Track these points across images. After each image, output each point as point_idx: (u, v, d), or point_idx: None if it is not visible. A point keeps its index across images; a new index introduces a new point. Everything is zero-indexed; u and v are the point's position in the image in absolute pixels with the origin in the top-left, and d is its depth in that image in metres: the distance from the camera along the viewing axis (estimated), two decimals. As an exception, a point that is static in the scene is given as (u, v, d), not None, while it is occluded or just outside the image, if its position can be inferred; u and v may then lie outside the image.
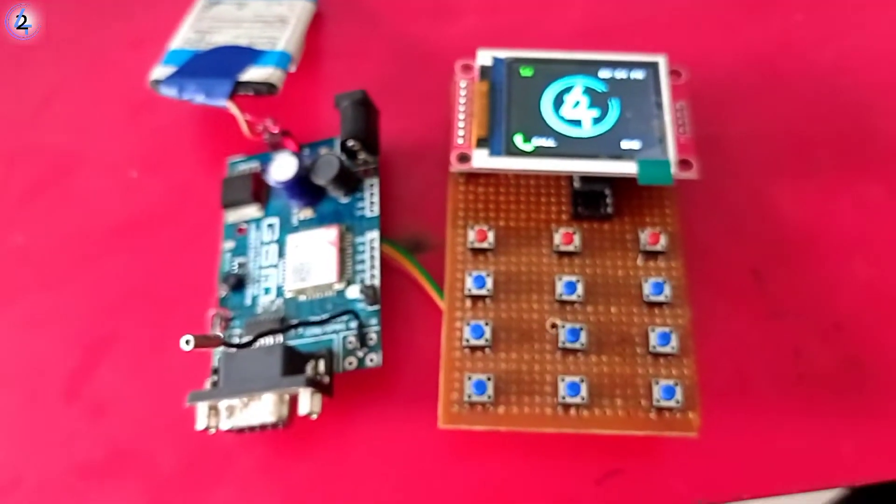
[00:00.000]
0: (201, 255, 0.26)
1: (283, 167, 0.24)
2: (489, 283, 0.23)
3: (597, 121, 0.24)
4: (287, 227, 0.26)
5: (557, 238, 0.23)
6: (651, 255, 0.23)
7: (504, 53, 0.25)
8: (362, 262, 0.24)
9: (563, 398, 0.21)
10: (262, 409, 0.21)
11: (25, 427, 0.25)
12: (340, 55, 0.31)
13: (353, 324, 0.23)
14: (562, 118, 0.24)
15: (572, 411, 0.21)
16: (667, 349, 0.22)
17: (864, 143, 0.27)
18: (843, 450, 0.22)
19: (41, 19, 0.33)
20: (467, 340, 0.22)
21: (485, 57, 0.25)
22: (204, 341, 0.19)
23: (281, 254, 0.25)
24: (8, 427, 0.25)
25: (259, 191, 0.26)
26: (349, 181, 0.25)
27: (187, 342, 0.19)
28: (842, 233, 0.26)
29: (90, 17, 0.33)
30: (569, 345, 0.22)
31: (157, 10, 0.32)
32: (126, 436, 0.24)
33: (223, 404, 0.21)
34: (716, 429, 0.22)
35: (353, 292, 0.24)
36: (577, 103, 0.24)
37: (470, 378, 0.21)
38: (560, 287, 0.23)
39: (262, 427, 0.21)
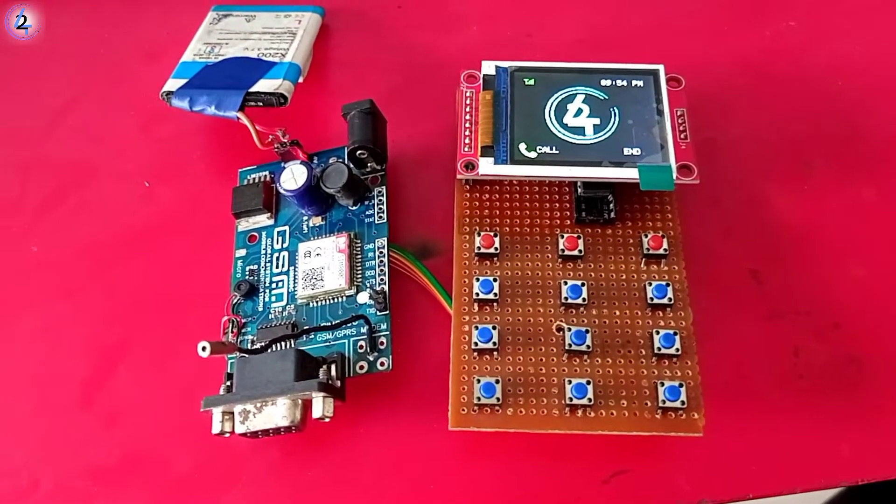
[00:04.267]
0: (214, 263, 0.27)
1: (293, 177, 0.25)
2: (496, 287, 0.23)
3: (598, 128, 0.24)
4: (298, 235, 0.26)
5: (562, 243, 0.24)
6: (653, 258, 0.24)
7: (507, 63, 0.26)
8: (371, 268, 0.25)
9: (570, 399, 0.22)
10: (276, 414, 0.22)
11: (42, 432, 0.25)
12: (348, 66, 0.31)
13: (364, 329, 0.24)
14: (564, 126, 0.25)
15: (579, 412, 0.22)
16: (671, 350, 0.22)
17: (858, 145, 0.28)
18: (844, 448, 0.23)
19: (56, 31, 0.34)
20: (475, 344, 0.22)
21: (489, 67, 0.26)
22: (220, 348, 0.20)
23: (292, 261, 0.26)
24: (25, 432, 0.25)
25: (269, 199, 0.27)
26: (358, 189, 0.26)
27: (203, 349, 0.19)
28: (837, 233, 0.26)
29: (105, 29, 0.34)
30: (575, 347, 0.22)
31: (170, 22, 0.33)
32: (140, 441, 0.25)
33: (237, 409, 0.22)
34: (719, 429, 0.23)
35: (364, 298, 0.24)
36: (579, 111, 0.25)
37: (479, 381, 0.22)
38: (565, 291, 0.23)
39: (276, 431, 0.22)
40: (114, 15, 0.34)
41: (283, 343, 0.24)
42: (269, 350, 0.22)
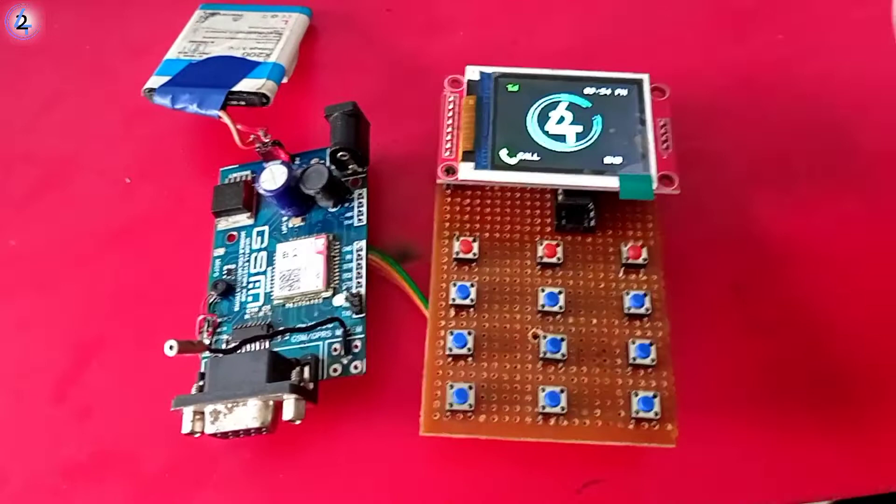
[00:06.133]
0: (192, 262, 0.27)
1: (273, 177, 0.25)
2: (473, 293, 0.23)
3: (580, 136, 0.24)
4: (276, 236, 0.26)
5: (541, 250, 0.24)
6: (632, 267, 0.24)
7: (491, 69, 0.26)
8: (349, 270, 0.25)
9: (543, 408, 0.21)
10: (247, 415, 0.21)
11: (12, 427, 0.25)
12: (333, 67, 0.31)
13: (339, 331, 0.23)
14: (546, 133, 0.24)
15: (552, 421, 0.22)
16: (646, 361, 0.22)
17: (843, 159, 0.28)
18: (822, 463, 0.23)
19: (41, 26, 0.34)
20: (450, 349, 0.22)
21: (473, 72, 0.26)
22: (188, 347, 0.20)
23: (270, 261, 0.25)
24: (-4, 427, 0.25)
25: (250, 199, 0.27)
26: (338, 191, 0.26)
27: (171, 347, 0.19)
28: (821, 247, 0.26)
29: (90, 25, 0.34)
30: (550, 355, 0.22)
31: (155, 19, 0.33)
32: (112, 438, 0.24)
33: (208, 409, 0.22)
34: (695, 440, 0.22)
35: (340, 300, 0.24)
36: (562, 119, 0.25)
37: (452, 386, 0.22)
38: (542, 298, 0.23)
39: (247, 432, 0.22)
40: (101, 11, 0.34)
41: (256, 344, 0.23)
42: (241, 350, 0.22)
